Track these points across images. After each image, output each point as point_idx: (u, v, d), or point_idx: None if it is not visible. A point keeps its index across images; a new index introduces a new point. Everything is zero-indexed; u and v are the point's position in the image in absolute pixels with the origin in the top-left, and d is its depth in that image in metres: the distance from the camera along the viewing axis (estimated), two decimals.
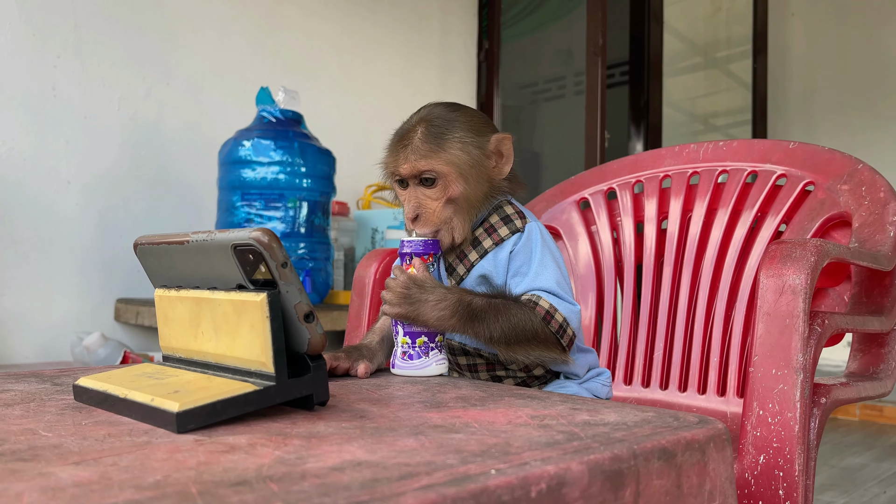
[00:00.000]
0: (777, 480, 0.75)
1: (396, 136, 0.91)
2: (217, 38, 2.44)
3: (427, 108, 0.92)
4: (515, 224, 0.91)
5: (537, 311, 0.85)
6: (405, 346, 0.86)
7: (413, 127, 0.89)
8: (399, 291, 0.83)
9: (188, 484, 0.40)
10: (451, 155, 0.87)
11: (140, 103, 2.25)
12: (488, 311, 0.83)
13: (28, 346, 2.01)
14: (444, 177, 0.87)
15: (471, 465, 0.44)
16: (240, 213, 2.03)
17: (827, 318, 0.81)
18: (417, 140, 0.88)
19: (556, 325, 0.86)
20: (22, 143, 2.01)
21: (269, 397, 0.58)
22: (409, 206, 0.89)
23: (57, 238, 2.07)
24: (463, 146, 0.88)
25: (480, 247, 0.91)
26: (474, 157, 0.89)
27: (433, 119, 0.89)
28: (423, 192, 0.89)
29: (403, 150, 0.88)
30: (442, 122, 0.89)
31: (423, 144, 0.87)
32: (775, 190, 1.20)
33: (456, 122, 0.89)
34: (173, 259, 0.67)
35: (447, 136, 0.88)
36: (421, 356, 0.85)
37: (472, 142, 0.89)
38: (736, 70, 4.33)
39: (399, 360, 0.86)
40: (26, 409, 0.60)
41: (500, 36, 3.35)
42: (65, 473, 0.41)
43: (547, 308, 0.85)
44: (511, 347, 0.83)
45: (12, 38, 2.00)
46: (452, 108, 0.91)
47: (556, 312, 0.86)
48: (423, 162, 0.87)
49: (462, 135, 0.88)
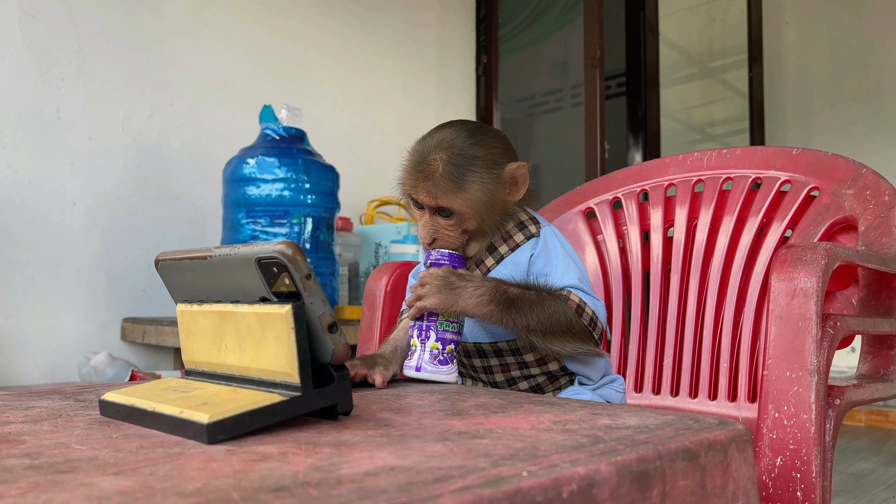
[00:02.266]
0: (795, 482, 0.75)
1: (415, 160, 0.90)
2: (219, 57, 2.46)
3: (448, 131, 0.91)
4: (530, 230, 0.95)
5: (569, 304, 0.88)
6: (435, 350, 0.88)
7: (433, 154, 0.89)
8: (438, 282, 0.84)
9: (228, 490, 0.41)
10: (470, 195, 0.88)
11: (144, 123, 2.26)
12: (524, 300, 0.85)
13: (35, 367, 2.02)
14: (460, 214, 0.90)
15: (502, 468, 0.45)
16: (245, 230, 2.04)
17: (839, 320, 0.82)
18: (438, 175, 0.88)
19: (588, 318, 0.88)
20: (27, 165, 2.02)
21: (296, 407, 0.59)
22: (425, 231, 0.91)
23: (63, 259, 2.08)
24: (482, 185, 0.89)
25: (497, 252, 0.94)
26: (490, 191, 0.90)
27: (454, 154, 0.88)
28: (439, 222, 0.91)
29: (424, 180, 0.89)
30: (464, 159, 0.88)
31: (444, 182, 0.88)
32: (780, 196, 1.22)
33: (476, 160, 0.89)
34: (195, 274, 0.68)
35: (467, 175, 0.88)
36: (449, 362, 0.88)
37: (491, 178, 0.90)
38: (731, 79, 4.37)
39: (427, 364, 0.88)
40: (55, 425, 0.61)
41: (497, 50, 3.38)
42: (106, 483, 0.42)
43: (578, 302, 0.88)
44: (547, 337, 0.86)
45: (17, 61, 2.02)
46: (474, 139, 0.90)
47: (587, 306, 0.89)
48: (443, 199, 0.89)
49: (482, 174, 0.89)
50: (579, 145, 3.01)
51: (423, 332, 0.89)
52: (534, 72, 4.98)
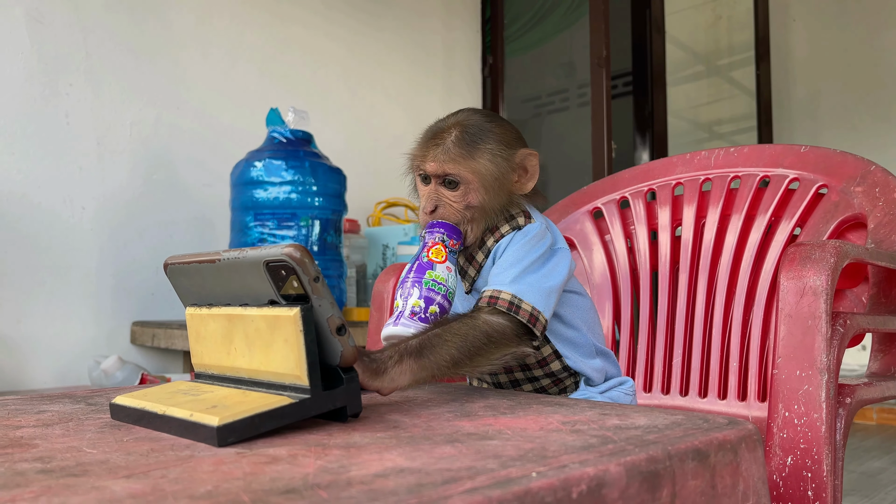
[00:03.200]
0: (806, 481, 0.75)
1: (429, 133, 0.91)
2: (225, 61, 2.47)
3: (464, 112, 0.93)
4: (517, 221, 0.92)
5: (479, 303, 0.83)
6: (417, 308, 0.83)
7: (448, 128, 0.90)
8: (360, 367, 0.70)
9: (239, 493, 0.41)
10: (480, 164, 0.88)
11: (151, 128, 2.28)
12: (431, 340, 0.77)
13: (46, 371, 2.03)
14: (467, 183, 0.88)
15: (511, 469, 0.45)
16: (253, 233, 2.05)
17: (849, 318, 0.81)
18: (450, 142, 0.88)
19: (505, 304, 0.82)
20: (37, 170, 2.04)
21: (305, 410, 0.59)
22: (428, 200, 0.89)
23: (72, 263, 2.09)
24: (492, 157, 0.88)
25: (485, 246, 0.92)
26: (500, 170, 0.89)
27: (469, 125, 0.90)
28: (444, 193, 0.89)
29: (434, 148, 0.89)
30: (477, 129, 0.89)
31: (455, 148, 0.88)
32: (788, 194, 1.21)
33: (490, 133, 0.89)
34: (204, 278, 0.68)
35: (479, 144, 0.88)
36: (428, 322, 0.82)
37: (502, 154, 0.89)
38: (739, 77, 4.35)
39: (406, 319, 0.82)
40: (66, 428, 0.61)
41: (503, 51, 3.38)
42: (117, 486, 0.42)
43: (490, 294, 0.83)
44: (474, 360, 0.79)
45: (25, 67, 2.03)
46: (489, 118, 0.92)
47: (502, 293, 0.83)
48: (451, 165, 0.88)
49: (494, 146, 0.89)
50: (586, 145, 3.01)
51: (406, 291, 0.84)
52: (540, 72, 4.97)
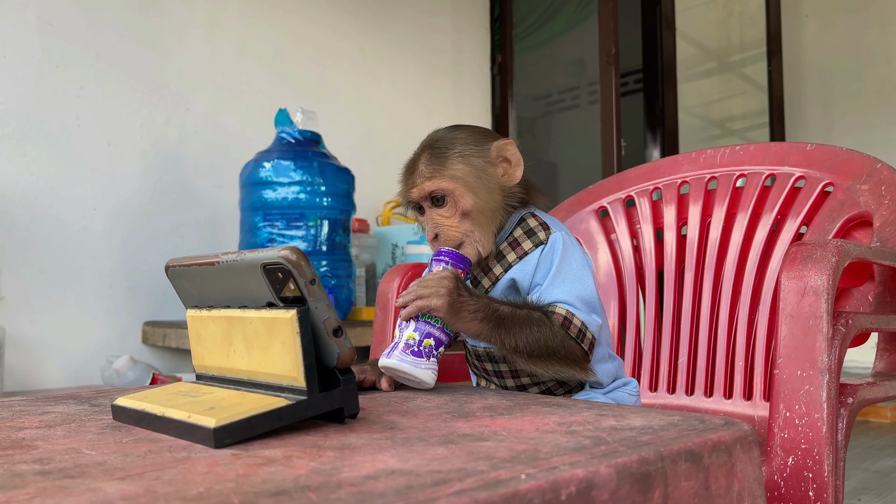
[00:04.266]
0: (807, 482, 0.75)
1: (405, 168, 0.95)
2: (234, 62, 2.49)
3: (431, 135, 0.95)
4: (539, 236, 0.92)
5: (555, 319, 0.85)
6: (411, 340, 0.83)
7: (418, 155, 0.93)
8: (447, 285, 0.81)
9: (230, 495, 0.41)
10: (453, 170, 0.90)
11: (161, 129, 2.29)
12: (514, 320, 0.83)
13: (59, 370, 2.05)
14: (450, 193, 0.89)
15: (501, 471, 0.45)
16: (262, 233, 2.06)
17: (851, 318, 0.81)
18: (422, 165, 0.91)
19: (576, 331, 0.85)
20: (49, 172, 2.06)
21: (302, 411, 0.59)
22: (427, 228, 0.92)
23: (84, 264, 2.11)
24: (463, 159, 0.90)
25: (505, 260, 0.92)
26: (477, 168, 0.91)
27: (435, 143, 0.92)
28: (437, 213, 0.91)
29: (411, 177, 0.92)
30: (443, 143, 0.92)
31: (426, 167, 0.91)
32: (794, 192, 1.21)
33: (455, 140, 0.92)
34: (204, 280, 0.69)
35: (447, 153, 0.91)
36: (422, 356, 0.83)
37: (473, 152, 0.91)
38: (751, 73, 4.32)
39: (399, 353, 0.83)
40: (68, 430, 0.62)
41: (512, 49, 3.38)
42: (111, 488, 0.43)
43: (564, 314, 0.86)
44: (532, 360, 0.84)
45: (36, 69, 2.05)
46: (453, 129, 0.94)
47: (574, 318, 0.86)
48: (428, 183, 0.90)
49: (461, 148, 0.91)
50: (597, 143, 3.00)
51: (402, 323, 0.85)
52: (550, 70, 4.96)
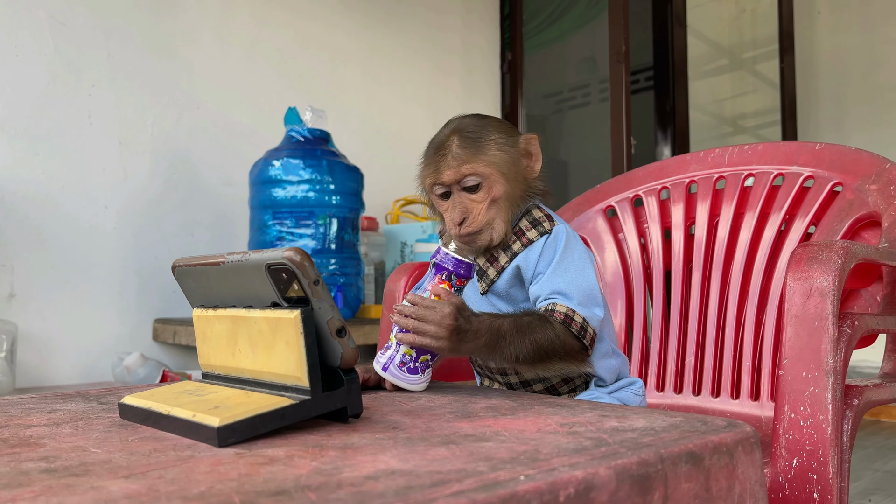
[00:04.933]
0: (811, 483, 0.74)
1: (432, 149, 0.94)
2: (244, 61, 2.50)
3: (455, 120, 0.95)
4: (544, 226, 0.94)
5: (556, 317, 0.86)
6: (407, 357, 0.85)
7: (447, 137, 0.92)
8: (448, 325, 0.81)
9: (231, 494, 0.42)
10: (491, 156, 0.91)
11: (172, 127, 2.31)
12: (512, 332, 0.84)
13: (71, 367, 2.07)
14: (487, 178, 0.90)
15: (500, 472, 0.46)
16: (271, 231, 2.07)
17: (857, 319, 0.80)
18: (456, 148, 0.91)
19: (577, 327, 0.87)
20: (61, 171, 2.08)
21: (305, 411, 0.60)
22: (455, 211, 0.91)
23: (96, 261, 2.13)
24: (500, 147, 0.91)
25: (510, 249, 0.94)
26: (511, 157, 0.92)
27: (465, 128, 0.92)
28: (468, 197, 0.91)
29: (443, 159, 0.91)
30: (475, 128, 0.92)
31: (463, 150, 0.90)
32: (803, 192, 1.20)
33: (488, 128, 0.93)
34: (210, 280, 0.70)
35: (483, 139, 0.91)
36: (418, 372, 0.85)
37: (507, 142, 0.93)
38: (764, 70, 4.30)
39: (395, 369, 0.85)
40: (75, 427, 0.63)
41: (522, 47, 3.37)
42: (115, 487, 0.44)
43: (565, 312, 0.87)
44: (534, 365, 0.86)
45: (49, 69, 2.07)
46: (481, 117, 0.95)
47: (575, 314, 0.87)
48: (466, 166, 0.90)
49: (497, 137, 0.92)
50: (607, 140, 2.99)
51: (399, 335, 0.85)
52: (561, 67, 4.95)
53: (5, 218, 1.98)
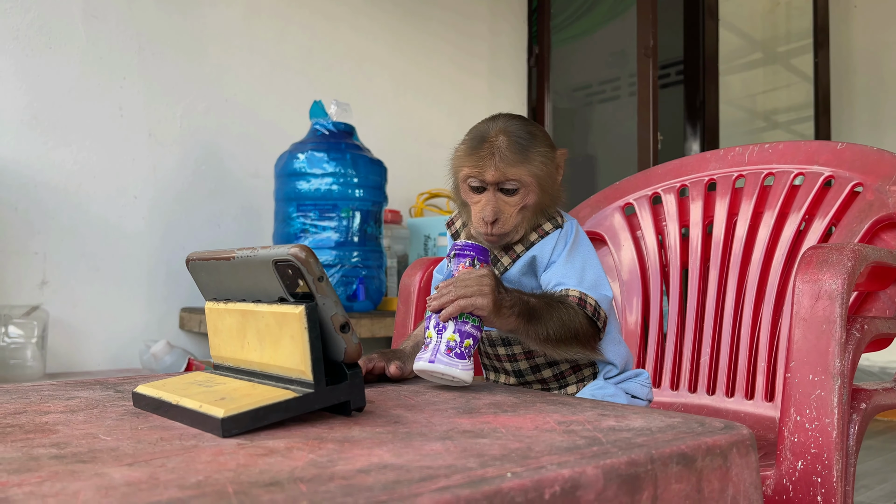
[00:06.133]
0: (815, 486, 0.74)
1: (475, 140, 0.94)
2: (272, 52, 2.53)
3: (502, 119, 0.96)
4: (558, 220, 0.99)
5: (570, 301, 0.90)
6: (452, 342, 0.83)
7: (494, 135, 0.93)
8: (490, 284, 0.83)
9: (226, 484, 0.43)
10: (536, 167, 0.93)
11: (200, 119, 2.34)
12: (543, 310, 0.87)
13: (100, 353, 2.12)
14: (526, 186, 0.93)
15: (489, 469, 0.47)
16: (295, 223, 2.10)
17: (867, 322, 0.80)
18: (505, 149, 0.92)
19: (591, 309, 0.91)
20: (92, 161, 2.12)
21: (308, 403, 0.61)
22: (487, 209, 0.92)
23: (125, 251, 2.17)
24: (544, 159, 0.94)
25: (527, 239, 0.97)
26: (550, 170, 0.95)
27: (515, 131, 0.94)
28: (504, 199, 0.93)
29: (490, 157, 0.92)
30: (524, 134, 0.94)
31: (511, 154, 0.92)
32: (823, 192, 1.19)
33: (536, 137, 0.95)
34: (221, 274, 0.72)
35: (531, 148, 0.93)
36: (466, 358, 0.83)
37: (549, 156, 0.95)
38: (798, 65, 4.22)
39: (443, 357, 0.82)
40: (90, 415, 0.65)
41: (550, 41, 3.36)
42: (118, 474, 0.46)
43: (578, 295, 0.91)
44: (559, 346, 0.88)
45: (82, 62, 2.12)
46: (528, 123, 0.97)
47: (588, 297, 0.91)
48: (512, 170, 0.92)
49: (543, 149, 0.94)
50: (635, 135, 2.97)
51: (440, 322, 0.84)
52: (591, 60, 4.91)
53: (38, 207, 2.03)
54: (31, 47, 2.04)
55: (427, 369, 0.83)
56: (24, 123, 2.02)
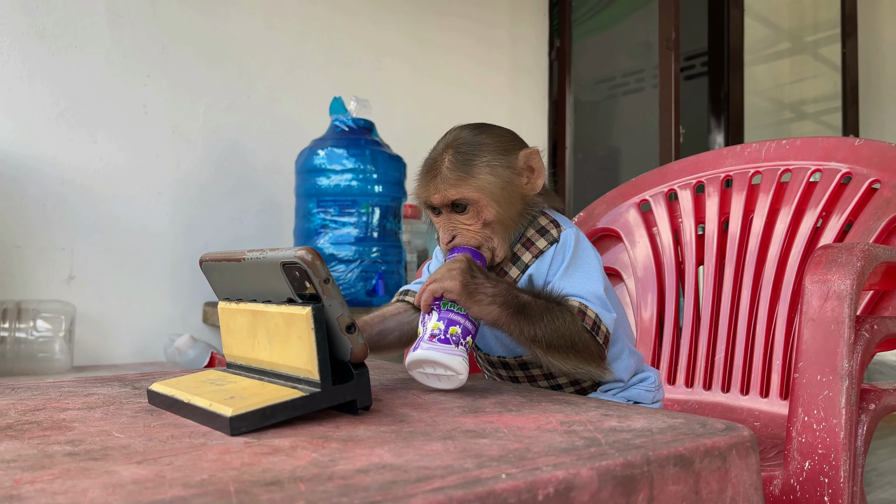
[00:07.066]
0: (822, 487, 0.74)
1: (425, 166, 0.92)
2: (293, 49, 2.55)
3: (453, 132, 0.93)
4: (552, 234, 0.91)
5: (585, 321, 0.84)
6: (436, 330, 0.81)
7: (440, 155, 0.90)
8: (459, 267, 0.80)
9: (228, 483, 0.45)
10: (481, 180, 0.87)
11: (223, 116, 2.37)
12: (534, 308, 0.82)
13: (126, 347, 2.17)
14: (475, 203, 0.88)
15: (484, 470, 0.48)
16: (316, 219, 2.12)
17: (876, 323, 0.80)
18: (445, 169, 0.88)
19: (590, 322, 0.84)
20: (117, 158, 2.16)
21: (315, 403, 0.63)
22: (444, 232, 0.90)
23: (150, 246, 2.21)
24: (492, 169, 0.88)
25: (520, 262, 0.91)
26: (504, 179, 0.89)
27: (459, 145, 0.89)
28: (457, 219, 0.89)
29: (433, 179, 0.89)
30: (468, 147, 0.89)
31: (451, 173, 0.88)
32: (840, 189, 1.18)
33: (482, 146, 0.89)
34: (233, 274, 0.73)
35: (474, 161, 0.88)
36: (450, 343, 0.80)
37: (501, 163, 0.89)
38: (827, 54, 4.15)
39: (425, 342, 0.80)
40: (106, 412, 0.67)
41: (571, 33, 3.34)
42: (127, 472, 0.47)
43: (577, 306, 0.85)
44: (550, 351, 0.81)
45: (106, 61, 2.15)
46: (478, 131, 0.91)
47: (588, 309, 0.85)
48: (453, 191, 0.87)
49: (489, 158, 0.88)
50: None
51: (424, 317, 0.83)
52: (614, 52, 4.88)
53: (65, 204, 2.08)
54: (57, 46, 2.08)
55: (412, 359, 0.80)
56: (51, 121, 2.06)
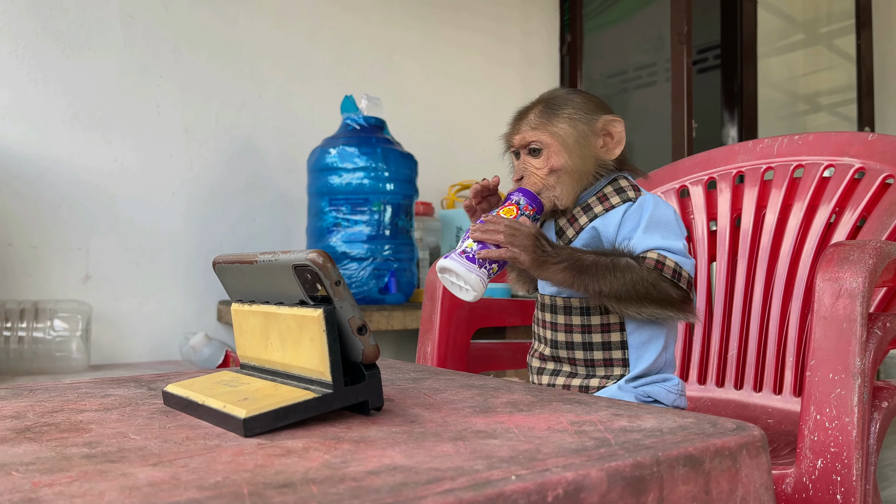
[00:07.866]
0: (835, 485, 0.74)
1: (517, 113, 1.02)
2: (304, 47, 2.56)
3: (550, 91, 1.03)
4: (628, 194, 0.98)
5: (646, 264, 0.89)
6: (469, 248, 0.90)
7: (533, 105, 1.01)
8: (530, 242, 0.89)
9: (242, 485, 0.46)
10: (558, 128, 0.96)
11: (235, 115, 2.39)
12: (597, 267, 0.89)
13: (142, 346, 2.19)
14: (547, 147, 0.96)
15: (494, 471, 0.48)
16: (328, 217, 2.13)
17: (889, 321, 0.79)
18: (532, 115, 0.99)
19: (670, 272, 0.90)
20: (131, 159, 2.18)
21: (327, 404, 0.64)
22: (515, 171, 0.99)
23: (164, 245, 2.23)
24: (571, 122, 0.97)
25: (591, 212, 0.98)
26: (580, 132, 0.97)
27: (550, 98, 1.00)
28: (529, 161, 0.98)
29: (518, 122, 1.00)
30: (557, 100, 0.99)
31: (536, 118, 0.98)
32: (853, 184, 1.17)
33: (569, 101, 0.98)
34: (245, 276, 0.74)
35: (558, 112, 0.97)
36: (475, 262, 0.89)
37: (581, 119, 0.97)
38: (842, 45, 4.12)
39: (455, 255, 0.90)
40: (122, 413, 0.68)
41: (582, 28, 3.33)
42: (143, 474, 0.48)
43: (656, 258, 0.90)
44: (622, 303, 0.89)
45: (120, 62, 2.17)
46: (571, 91, 1.01)
47: (667, 259, 0.90)
48: (532, 133, 0.97)
49: (571, 111, 0.97)
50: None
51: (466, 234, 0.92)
52: (627, 46, 4.85)
53: (81, 205, 2.10)
54: (71, 48, 2.10)
55: (440, 265, 0.91)
56: (66, 123, 2.09)
